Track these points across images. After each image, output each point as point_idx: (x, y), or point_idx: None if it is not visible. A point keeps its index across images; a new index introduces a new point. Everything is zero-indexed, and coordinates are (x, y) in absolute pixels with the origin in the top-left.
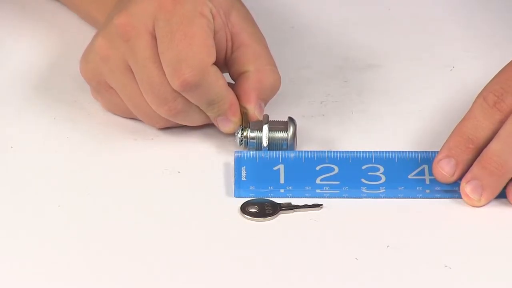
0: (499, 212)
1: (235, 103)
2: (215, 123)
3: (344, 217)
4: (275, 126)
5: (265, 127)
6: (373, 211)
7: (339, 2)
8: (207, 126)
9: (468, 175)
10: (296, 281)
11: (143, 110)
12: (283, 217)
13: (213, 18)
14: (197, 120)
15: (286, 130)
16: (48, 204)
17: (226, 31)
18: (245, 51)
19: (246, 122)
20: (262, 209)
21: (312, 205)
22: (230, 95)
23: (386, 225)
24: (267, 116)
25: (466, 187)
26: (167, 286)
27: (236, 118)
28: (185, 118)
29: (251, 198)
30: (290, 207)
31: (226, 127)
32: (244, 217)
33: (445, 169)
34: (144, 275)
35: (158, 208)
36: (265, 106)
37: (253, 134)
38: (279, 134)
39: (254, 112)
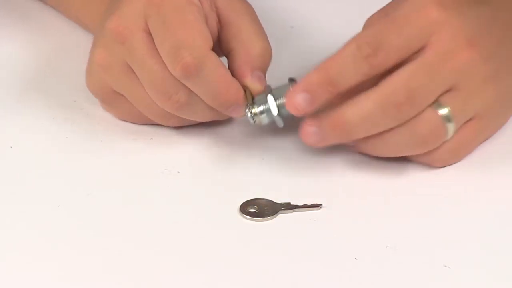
0: (499, 212)
1: (239, 88)
2: (227, 113)
3: (343, 217)
4: (279, 91)
5: (270, 97)
6: (373, 211)
7: (339, 2)
8: (207, 126)
9: (314, 121)
10: (296, 281)
11: (153, 110)
12: (282, 217)
13: (201, 4)
14: (205, 114)
15: None
16: (48, 204)
17: (214, 15)
18: (229, 29)
19: (250, 98)
20: (262, 209)
21: (312, 205)
22: (233, 82)
23: (386, 225)
24: (268, 87)
25: (308, 129)
26: (167, 286)
27: (244, 100)
28: (191, 111)
29: (251, 198)
30: (289, 207)
31: (237, 113)
32: (244, 217)
33: (299, 102)
34: (144, 274)
35: (157, 208)
36: (264, 75)
37: (261, 108)
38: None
39: (253, 84)
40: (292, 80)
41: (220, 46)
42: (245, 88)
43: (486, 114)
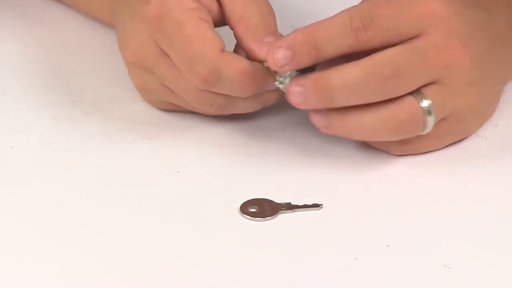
0: (499, 212)
1: (261, 74)
2: (261, 91)
3: (343, 217)
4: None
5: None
6: (373, 211)
7: (339, 2)
8: (206, 127)
9: (300, 81)
10: (296, 281)
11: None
12: (282, 217)
13: (198, 1)
14: (248, 105)
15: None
16: (48, 204)
17: (214, 3)
18: (225, 10)
19: (271, 71)
20: (262, 209)
21: (312, 205)
22: (255, 73)
23: (386, 225)
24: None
25: (294, 89)
26: (167, 286)
27: (272, 77)
28: (235, 108)
29: (251, 198)
30: (289, 207)
31: (273, 87)
32: (244, 217)
33: (278, 57)
34: (144, 274)
35: (157, 208)
36: (275, 36)
37: (281, 78)
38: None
39: (263, 54)
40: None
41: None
42: (263, 63)
43: (461, 117)
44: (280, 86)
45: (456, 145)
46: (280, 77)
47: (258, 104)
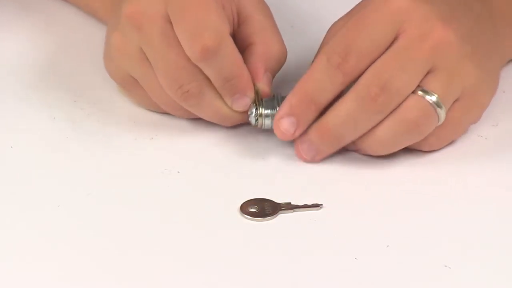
0: (499, 212)
1: (250, 79)
2: (229, 103)
3: (344, 217)
4: None
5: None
6: (373, 211)
7: (339, 2)
8: (207, 127)
9: (303, 138)
10: (296, 281)
11: (163, 98)
12: (282, 217)
13: None
14: (210, 111)
15: None
16: (48, 204)
17: (232, 6)
18: (250, 24)
19: (259, 99)
20: (262, 209)
21: (312, 205)
22: (245, 71)
23: (386, 225)
24: (277, 94)
25: (300, 147)
26: (167, 286)
27: (252, 94)
28: (198, 104)
29: (251, 198)
30: (290, 207)
31: (242, 104)
32: (244, 217)
33: (285, 127)
34: (144, 274)
35: (157, 208)
36: (272, 78)
37: (267, 112)
38: None
39: (263, 86)
40: None
41: (236, 39)
42: (255, 86)
43: (470, 92)
44: (253, 114)
45: (456, 145)
46: (263, 109)
47: (219, 117)
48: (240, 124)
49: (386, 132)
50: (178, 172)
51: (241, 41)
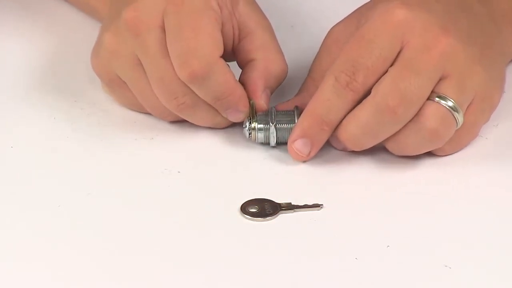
0: (500, 212)
1: (243, 95)
2: (224, 115)
3: (344, 217)
4: (282, 118)
5: (272, 128)
6: (373, 211)
7: (340, 2)
8: (206, 127)
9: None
10: (296, 281)
11: (153, 104)
12: (283, 217)
13: (220, 10)
14: (203, 120)
15: (293, 121)
16: (48, 204)
17: (233, 21)
18: (252, 40)
19: (253, 113)
20: (262, 209)
21: (312, 205)
22: (238, 88)
23: (386, 225)
24: (272, 108)
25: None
26: (167, 286)
27: (246, 109)
28: (192, 115)
29: (252, 198)
30: (290, 207)
31: (235, 118)
32: (244, 217)
33: (300, 150)
34: (144, 274)
35: (157, 208)
36: (271, 94)
37: (260, 126)
38: (285, 126)
39: (261, 102)
40: (297, 108)
41: (237, 53)
42: (250, 100)
43: (482, 94)
44: (246, 127)
45: None
46: (256, 123)
47: (214, 122)
48: (240, 124)
49: (407, 140)
50: (178, 172)
51: (242, 56)
